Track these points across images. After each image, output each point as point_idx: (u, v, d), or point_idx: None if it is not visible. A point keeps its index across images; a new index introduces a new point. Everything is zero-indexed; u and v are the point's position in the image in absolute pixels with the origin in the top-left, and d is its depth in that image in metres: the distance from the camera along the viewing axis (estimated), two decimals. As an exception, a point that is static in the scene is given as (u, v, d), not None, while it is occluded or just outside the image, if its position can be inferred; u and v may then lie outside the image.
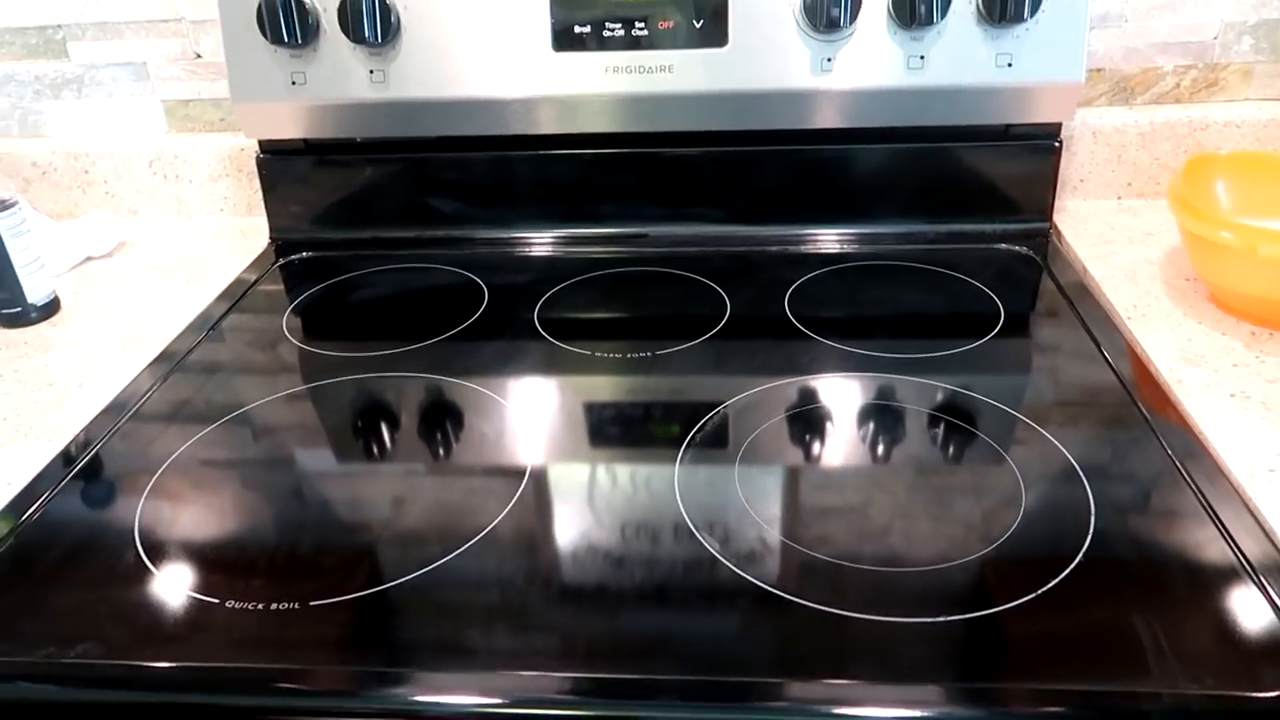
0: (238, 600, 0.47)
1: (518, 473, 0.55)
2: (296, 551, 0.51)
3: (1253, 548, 0.46)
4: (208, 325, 0.75)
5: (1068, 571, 0.46)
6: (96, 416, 0.63)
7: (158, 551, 0.50)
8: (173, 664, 0.43)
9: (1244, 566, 0.45)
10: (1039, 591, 0.44)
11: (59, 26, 0.91)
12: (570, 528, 0.51)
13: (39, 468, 0.58)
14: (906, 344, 0.67)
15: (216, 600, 0.47)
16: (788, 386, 0.62)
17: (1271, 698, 0.39)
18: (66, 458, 0.59)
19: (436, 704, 0.41)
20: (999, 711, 0.39)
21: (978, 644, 0.42)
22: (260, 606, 0.46)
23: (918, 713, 0.39)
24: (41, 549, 0.51)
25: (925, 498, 0.52)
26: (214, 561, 0.50)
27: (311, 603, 0.46)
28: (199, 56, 0.91)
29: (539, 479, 0.55)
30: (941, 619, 0.43)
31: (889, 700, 0.40)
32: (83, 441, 0.60)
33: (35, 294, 0.76)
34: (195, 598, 0.47)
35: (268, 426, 0.62)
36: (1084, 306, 0.71)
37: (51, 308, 0.78)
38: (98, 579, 0.49)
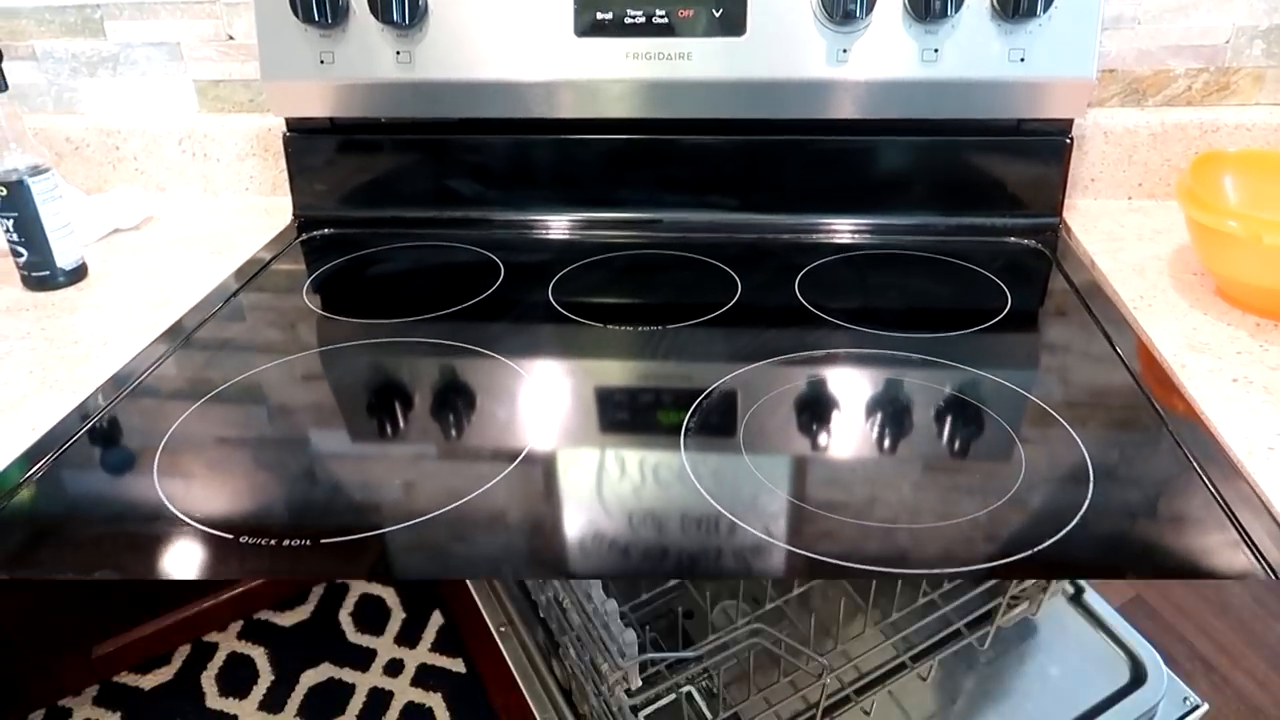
0: (251, 536, 0.48)
1: (524, 438, 0.57)
2: (311, 495, 0.52)
3: (1251, 520, 0.47)
4: (229, 292, 0.77)
5: (1065, 532, 0.47)
6: (118, 372, 0.65)
7: (175, 493, 0.52)
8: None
9: (1243, 539, 0.46)
10: (1039, 549, 0.46)
11: (97, 5, 0.94)
12: (579, 482, 0.52)
13: (63, 415, 0.59)
14: (914, 326, 0.68)
15: (230, 536, 0.48)
16: (796, 360, 0.64)
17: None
18: (86, 411, 0.60)
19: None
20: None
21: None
22: (273, 543, 0.47)
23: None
24: (61, 488, 0.53)
25: (935, 461, 0.53)
26: (229, 503, 0.51)
27: (323, 541, 0.48)
28: (231, 38, 0.94)
29: (547, 441, 0.56)
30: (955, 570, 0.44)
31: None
32: (106, 393, 0.62)
33: (64, 258, 0.78)
34: (211, 533, 0.48)
35: (283, 386, 0.64)
36: (1091, 297, 0.71)
37: (79, 273, 0.80)
38: (116, 516, 0.51)
